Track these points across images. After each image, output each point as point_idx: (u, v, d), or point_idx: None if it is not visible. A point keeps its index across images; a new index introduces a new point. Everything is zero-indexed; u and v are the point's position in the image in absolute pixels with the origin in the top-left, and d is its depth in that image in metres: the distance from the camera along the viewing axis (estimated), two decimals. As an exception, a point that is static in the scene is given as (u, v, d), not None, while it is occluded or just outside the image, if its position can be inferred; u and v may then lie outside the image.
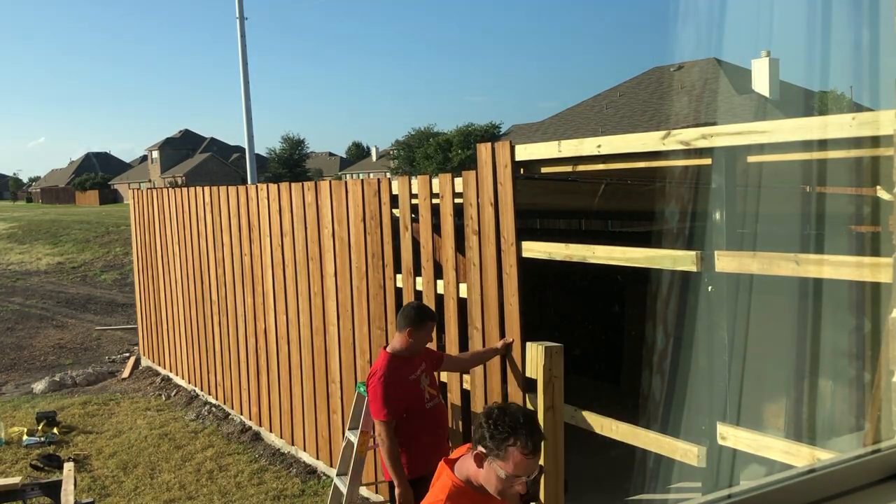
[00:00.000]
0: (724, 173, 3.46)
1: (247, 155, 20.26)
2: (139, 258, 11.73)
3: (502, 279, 4.73)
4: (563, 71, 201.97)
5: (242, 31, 19.77)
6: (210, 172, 69.20)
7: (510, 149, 4.60)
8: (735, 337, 3.54)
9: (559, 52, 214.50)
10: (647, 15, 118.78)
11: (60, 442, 8.31)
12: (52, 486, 5.26)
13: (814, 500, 1.28)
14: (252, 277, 8.14)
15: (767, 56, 31.04)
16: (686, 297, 4.08)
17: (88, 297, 18.95)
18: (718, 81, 31.87)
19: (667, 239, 4.49)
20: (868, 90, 2.43)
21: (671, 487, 4.60)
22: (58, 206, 65.74)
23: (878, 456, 1.40)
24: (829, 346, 4.13)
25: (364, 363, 6.35)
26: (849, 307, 3.50)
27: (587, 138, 4.06)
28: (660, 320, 5.18)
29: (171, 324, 10.61)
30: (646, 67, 38.50)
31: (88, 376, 11.41)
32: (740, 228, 3.61)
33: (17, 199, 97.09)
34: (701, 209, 3.83)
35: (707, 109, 30.22)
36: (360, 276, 6.29)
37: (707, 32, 3.38)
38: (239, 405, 8.70)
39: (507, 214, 4.61)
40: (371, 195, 6.06)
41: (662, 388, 4.91)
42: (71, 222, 33.50)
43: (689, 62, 34.68)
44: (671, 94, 33.75)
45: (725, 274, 3.51)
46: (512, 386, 4.75)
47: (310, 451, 7.31)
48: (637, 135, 3.88)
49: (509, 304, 4.68)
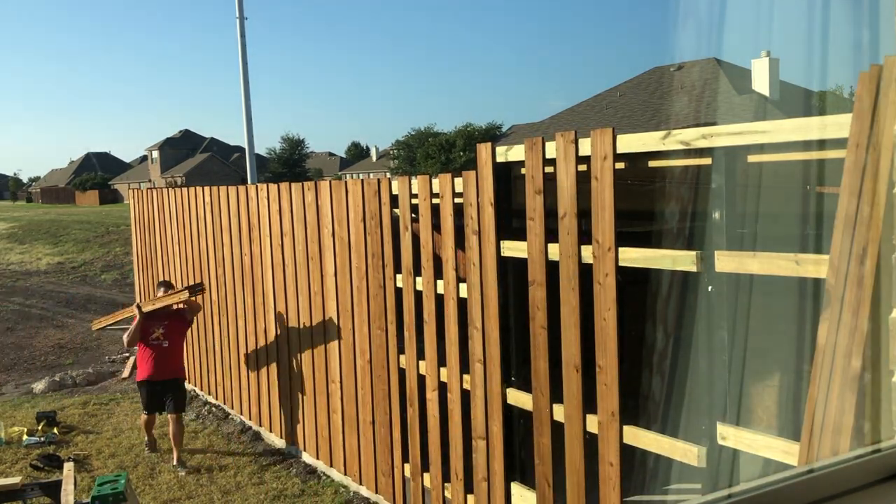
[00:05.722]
0: (724, 173, 3.46)
1: (247, 155, 20.28)
2: (139, 258, 11.74)
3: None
4: (563, 71, 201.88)
5: (242, 31, 19.78)
6: (210, 172, 69.23)
7: (541, 145, 4.59)
8: (735, 337, 3.53)
9: (560, 51, 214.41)
10: (647, 15, 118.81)
11: (60, 442, 8.31)
12: (52, 486, 5.26)
13: (814, 500, 1.28)
14: (252, 277, 8.14)
15: (767, 56, 31.05)
16: (686, 297, 4.08)
17: (88, 297, 18.95)
18: (718, 81, 31.88)
19: (667, 239, 4.49)
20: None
21: (670, 488, 4.60)
22: (58, 206, 65.76)
23: (878, 456, 1.41)
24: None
25: (364, 363, 6.35)
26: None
27: (586, 138, 4.06)
28: (659, 320, 5.18)
29: (171, 324, 10.60)
30: (646, 67, 38.53)
31: (88, 376, 11.41)
32: (740, 228, 3.61)
33: (17, 199, 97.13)
34: (701, 209, 3.83)
35: (707, 109, 30.23)
36: (360, 276, 6.30)
37: (707, 32, 3.38)
38: (239, 405, 8.70)
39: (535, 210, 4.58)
40: (371, 195, 6.06)
41: (662, 388, 4.91)
42: (71, 222, 33.51)
43: (689, 62, 34.69)
44: (671, 94, 33.76)
45: (725, 274, 3.51)
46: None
47: (310, 451, 7.31)
48: (637, 135, 3.88)
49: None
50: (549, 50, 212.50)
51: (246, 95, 19.83)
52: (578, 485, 4.33)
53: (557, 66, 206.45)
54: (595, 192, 3.98)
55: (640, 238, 4.54)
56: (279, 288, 7.62)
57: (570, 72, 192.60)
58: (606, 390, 4.05)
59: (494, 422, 4.95)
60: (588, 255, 4.12)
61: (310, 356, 7.17)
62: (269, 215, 7.68)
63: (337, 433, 6.82)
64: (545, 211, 4.42)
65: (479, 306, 4.97)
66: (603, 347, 4.05)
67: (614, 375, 4.01)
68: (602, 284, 4.02)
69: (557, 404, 4.46)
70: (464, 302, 5.14)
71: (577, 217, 4.19)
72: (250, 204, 8.05)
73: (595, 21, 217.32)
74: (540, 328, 4.52)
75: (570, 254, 4.22)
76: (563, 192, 4.21)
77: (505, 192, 4.83)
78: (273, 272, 7.70)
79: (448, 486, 5.52)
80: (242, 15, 19.69)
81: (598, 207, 3.99)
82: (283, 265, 7.50)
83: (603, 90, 37.96)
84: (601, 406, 4.11)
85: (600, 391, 4.09)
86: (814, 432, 2.38)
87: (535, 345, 4.56)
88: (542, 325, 4.50)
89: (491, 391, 4.97)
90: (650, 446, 3.92)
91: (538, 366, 4.55)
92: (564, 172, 4.19)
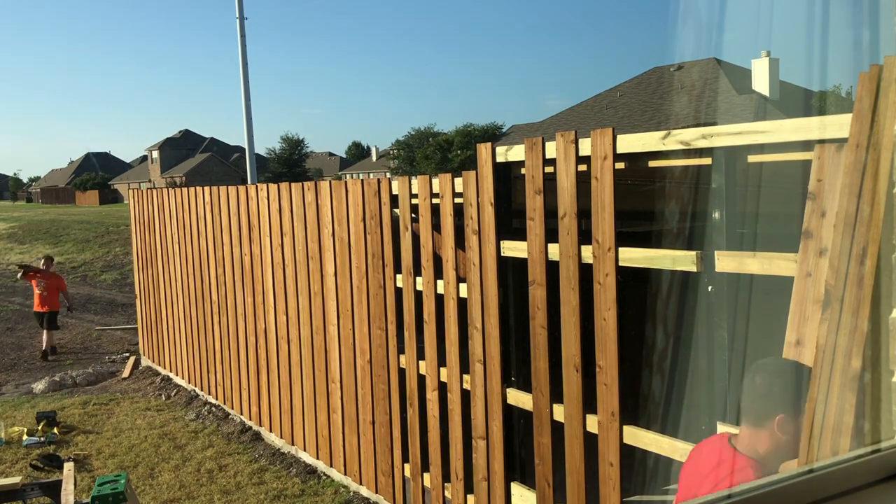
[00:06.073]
0: (724, 173, 3.46)
1: (247, 155, 20.28)
2: (139, 258, 11.74)
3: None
4: (563, 71, 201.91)
5: (242, 31, 19.78)
6: (210, 172, 69.25)
7: (543, 145, 4.60)
8: (735, 337, 3.53)
9: (560, 51, 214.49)
10: (648, 15, 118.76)
11: (60, 442, 8.31)
12: (52, 486, 5.27)
13: (814, 500, 1.28)
14: (252, 277, 8.14)
15: (767, 56, 31.07)
16: (686, 297, 4.08)
17: (88, 296, 18.95)
18: (718, 81, 31.89)
19: (667, 239, 4.49)
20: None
21: (670, 488, 4.60)
22: (58, 206, 65.77)
23: (878, 456, 1.41)
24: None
25: (364, 363, 6.35)
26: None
27: (586, 138, 4.06)
28: (659, 320, 5.18)
29: (171, 324, 10.62)
30: (646, 67, 38.54)
31: (88, 376, 11.41)
32: (740, 228, 3.61)
33: (18, 199, 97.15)
34: (701, 209, 3.82)
35: (707, 109, 30.24)
36: (360, 276, 6.30)
37: (707, 32, 3.38)
38: (239, 405, 8.70)
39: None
40: (371, 195, 6.06)
41: (662, 388, 4.91)
42: (71, 222, 33.51)
43: (689, 62, 34.71)
44: (671, 94, 33.76)
45: (725, 274, 3.51)
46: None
47: (310, 451, 7.31)
48: (637, 135, 3.88)
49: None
50: (549, 50, 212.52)
51: (246, 95, 19.84)
52: (578, 485, 4.33)
53: (557, 67, 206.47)
54: (595, 192, 3.98)
55: (641, 238, 4.55)
56: (279, 288, 7.62)
57: (570, 72, 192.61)
58: (606, 390, 4.05)
59: (494, 422, 4.95)
60: (588, 255, 4.12)
61: (310, 356, 7.17)
62: (269, 215, 7.68)
63: (337, 433, 6.82)
64: (545, 211, 4.42)
65: (479, 306, 4.97)
66: (603, 347, 4.05)
67: (614, 375, 4.01)
68: (602, 284, 4.02)
69: (557, 404, 4.46)
70: (464, 302, 5.14)
71: (577, 217, 4.19)
72: (250, 204, 8.05)
73: (595, 21, 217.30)
74: (540, 328, 4.52)
75: (570, 254, 4.22)
76: (563, 192, 4.21)
77: (505, 192, 4.83)
78: (273, 272, 7.71)
79: (448, 486, 5.52)
80: (242, 15, 19.70)
81: (598, 207, 3.99)
82: (283, 265, 7.50)
83: (603, 90, 37.99)
84: (601, 406, 4.11)
85: (600, 391, 4.09)
86: (814, 432, 2.38)
87: (535, 345, 4.56)
88: (542, 325, 4.50)
89: (491, 391, 4.97)
90: (650, 446, 3.92)
91: (538, 366, 4.55)
92: (564, 172, 4.19)
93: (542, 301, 4.47)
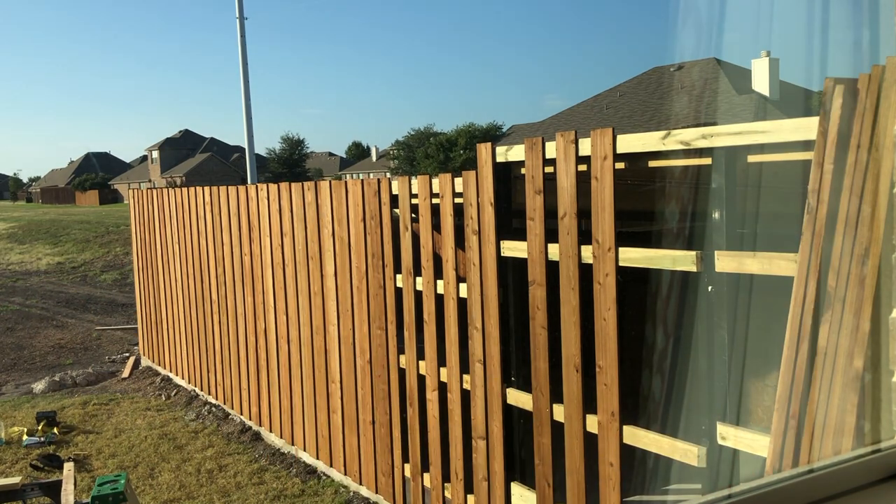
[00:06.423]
0: (724, 173, 3.46)
1: (247, 155, 20.29)
2: (139, 258, 11.74)
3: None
4: (563, 71, 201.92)
5: (242, 31, 19.79)
6: (210, 172, 69.21)
7: (543, 146, 4.60)
8: (735, 337, 3.53)
9: (560, 51, 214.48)
10: (648, 15, 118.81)
11: (60, 442, 8.31)
12: (52, 486, 5.27)
13: (814, 500, 1.28)
14: (252, 277, 8.14)
15: (767, 56, 31.05)
16: (686, 297, 4.08)
17: (88, 297, 18.95)
18: (718, 81, 31.88)
19: (667, 239, 4.49)
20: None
21: (670, 488, 4.60)
22: (58, 206, 65.77)
23: (878, 456, 1.40)
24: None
25: (364, 363, 6.35)
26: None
27: (586, 138, 4.06)
28: (659, 320, 5.17)
29: (171, 324, 10.62)
30: (646, 67, 38.55)
31: (88, 376, 11.41)
32: (740, 228, 3.61)
33: (17, 199, 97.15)
34: (701, 209, 3.82)
35: (707, 109, 30.23)
36: (360, 276, 6.30)
37: (707, 32, 3.38)
38: (239, 405, 8.70)
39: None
40: (371, 195, 6.06)
41: (662, 388, 4.91)
42: (71, 222, 33.51)
43: (689, 62, 34.69)
44: (671, 94, 33.75)
45: (725, 274, 3.51)
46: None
47: (310, 451, 7.31)
48: (637, 135, 3.88)
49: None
50: (549, 50, 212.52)
51: (246, 95, 19.84)
52: (578, 485, 4.33)
53: (557, 67, 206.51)
54: (595, 192, 3.98)
55: (641, 238, 4.55)
56: (279, 288, 7.62)
57: (570, 72, 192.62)
58: (606, 390, 4.05)
59: (494, 422, 4.95)
60: (588, 255, 4.12)
61: (310, 356, 7.17)
62: (269, 215, 7.68)
63: (337, 433, 6.82)
64: (545, 211, 4.42)
65: (479, 306, 4.97)
66: (603, 347, 4.05)
67: (614, 375, 4.01)
68: (602, 284, 4.02)
69: (557, 404, 4.46)
70: (464, 302, 5.14)
71: (577, 217, 4.19)
72: (250, 204, 8.05)
73: (596, 21, 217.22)
74: (540, 328, 4.52)
75: (570, 254, 4.22)
76: (563, 192, 4.21)
77: (505, 192, 4.83)
78: (273, 272, 7.71)
79: (448, 485, 5.52)
80: (242, 15, 19.71)
81: (598, 207, 3.99)
82: (283, 265, 7.50)
83: (603, 90, 37.98)
84: (601, 406, 4.11)
85: (600, 391, 4.09)
86: (815, 432, 2.38)
87: (535, 345, 4.56)
88: (542, 325, 4.50)
89: (491, 391, 4.97)
90: (650, 446, 3.92)
91: (538, 366, 4.55)
92: (564, 172, 4.19)
93: (542, 301, 4.47)
